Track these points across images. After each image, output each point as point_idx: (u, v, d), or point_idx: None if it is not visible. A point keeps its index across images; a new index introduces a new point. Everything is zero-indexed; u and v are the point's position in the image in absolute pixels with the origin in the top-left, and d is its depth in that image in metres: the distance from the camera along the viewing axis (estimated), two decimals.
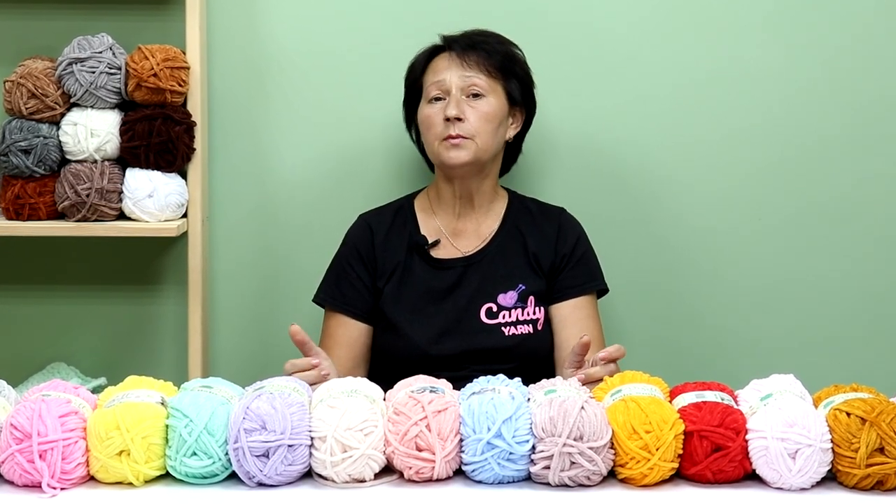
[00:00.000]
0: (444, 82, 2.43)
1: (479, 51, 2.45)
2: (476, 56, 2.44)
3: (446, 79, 2.43)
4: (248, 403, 1.75)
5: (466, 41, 2.47)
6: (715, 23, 2.73)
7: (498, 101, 2.45)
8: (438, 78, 2.44)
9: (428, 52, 2.51)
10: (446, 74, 2.43)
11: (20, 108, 2.53)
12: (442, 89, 2.43)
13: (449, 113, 2.39)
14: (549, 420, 1.74)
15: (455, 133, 2.40)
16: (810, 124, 2.75)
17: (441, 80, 2.43)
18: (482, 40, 2.47)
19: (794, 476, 1.73)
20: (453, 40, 2.48)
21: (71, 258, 2.79)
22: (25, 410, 1.74)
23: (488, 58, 2.44)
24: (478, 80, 2.43)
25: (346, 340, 2.46)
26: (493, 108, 2.43)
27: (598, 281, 2.50)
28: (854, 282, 2.79)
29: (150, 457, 1.74)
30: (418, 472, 1.76)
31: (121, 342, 2.82)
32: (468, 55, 2.44)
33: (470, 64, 2.43)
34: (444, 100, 2.43)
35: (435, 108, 2.43)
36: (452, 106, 2.40)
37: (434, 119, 2.43)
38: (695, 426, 1.75)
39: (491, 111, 2.43)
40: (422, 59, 2.51)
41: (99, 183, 2.53)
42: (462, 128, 2.40)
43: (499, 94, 2.45)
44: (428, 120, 2.44)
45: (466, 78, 2.42)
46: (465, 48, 2.45)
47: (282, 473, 1.74)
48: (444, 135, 2.41)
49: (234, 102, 2.75)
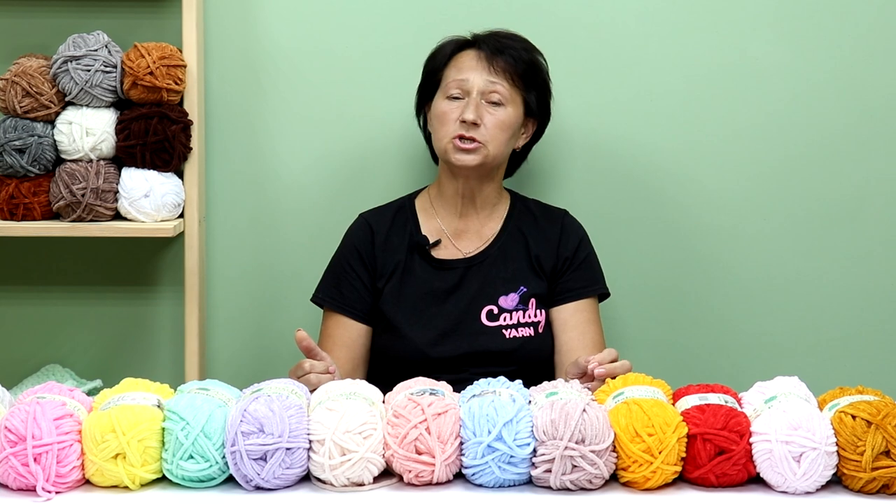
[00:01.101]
0: (467, 82, 2.40)
1: (506, 56, 2.42)
2: (504, 62, 2.41)
3: (469, 79, 2.40)
4: (245, 406, 1.75)
5: (495, 43, 2.44)
6: (723, 21, 2.72)
7: (515, 112, 2.43)
8: (462, 77, 2.41)
9: (454, 45, 2.47)
10: (470, 75, 2.41)
11: (14, 106, 2.52)
12: (463, 89, 2.40)
13: (467, 117, 2.37)
14: (550, 423, 1.73)
15: (469, 135, 2.38)
16: (819, 123, 2.74)
17: (464, 80, 2.41)
18: (510, 44, 2.44)
19: (798, 480, 1.73)
20: (482, 39, 2.45)
21: (66, 259, 2.79)
22: (20, 413, 1.73)
23: (514, 65, 2.42)
24: (501, 87, 2.40)
25: (345, 341, 2.45)
26: (511, 117, 2.42)
27: (600, 285, 2.50)
28: (860, 282, 2.78)
29: (146, 460, 1.74)
30: (418, 475, 1.75)
31: (117, 344, 2.81)
32: (496, 59, 2.41)
33: (497, 70, 2.41)
34: (462, 99, 2.41)
35: (452, 106, 2.41)
36: (471, 110, 2.38)
37: (449, 116, 2.40)
38: (698, 429, 1.75)
39: (508, 121, 2.41)
40: (447, 50, 2.48)
41: (94, 182, 2.52)
42: (477, 132, 2.38)
43: (517, 105, 2.43)
44: (443, 116, 2.42)
45: (491, 83, 2.40)
46: (493, 51, 2.42)
47: (279, 477, 1.74)
48: (456, 133, 2.39)
49: (232, 101, 2.74)
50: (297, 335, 2.13)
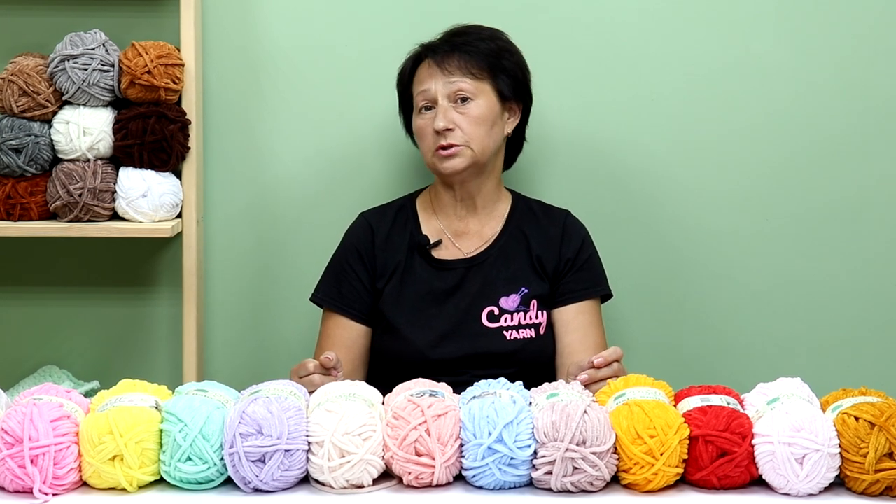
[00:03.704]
0: (429, 92, 2.42)
1: (460, 53, 2.43)
2: (457, 60, 2.42)
3: (430, 88, 2.42)
4: (243, 407, 1.75)
5: (446, 46, 2.45)
6: (724, 20, 2.72)
7: (487, 102, 2.43)
8: (423, 88, 2.43)
9: (412, 61, 2.51)
10: (430, 84, 2.42)
11: (11, 105, 2.52)
12: (428, 99, 2.42)
13: (437, 126, 2.39)
14: (551, 424, 1.73)
15: (447, 143, 2.39)
16: (820, 123, 2.74)
17: (426, 90, 2.43)
18: (462, 41, 2.45)
19: (801, 482, 1.73)
20: (431, 48, 2.47)
21: (63, 259, 2.79)
22: (16, 415, 1.73)
23: (470, 59, 2.42)
24: (462, 84, 2.41)
25: (345, 342, 2.45)
26: (483, 109, 2.42)
27: (603, 286, 2.49)
28: (862, 284, 2.78)
29: (143, 462, 1.74)
30: (418, 477, 1.75)
31: (114, 345, 2.81)
32: (448, 61, 2.42)
33: (451, 70, 2.42)
34: (432, 108, 2.42)
35: (426, 119, 2.43)
36: (440, 117, 2.39)
37: (426, 130, 2.42)
38: (700, 431, 1.75)
39: (481, 113, 2.41)
40: (407, 67, 2.51)
41: (92, 182, 2.52)
42: (453, 137, 2.39)
43: (487, 94, 2.44)
44: (420, 131, 2.44)
45: (450, 84, 2.41)
46: (444, 54, 2.43)
47: (278, 479, 1.74)
48: (436, 145, 2.40)
49: (230, 100, 2.74)
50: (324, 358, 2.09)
